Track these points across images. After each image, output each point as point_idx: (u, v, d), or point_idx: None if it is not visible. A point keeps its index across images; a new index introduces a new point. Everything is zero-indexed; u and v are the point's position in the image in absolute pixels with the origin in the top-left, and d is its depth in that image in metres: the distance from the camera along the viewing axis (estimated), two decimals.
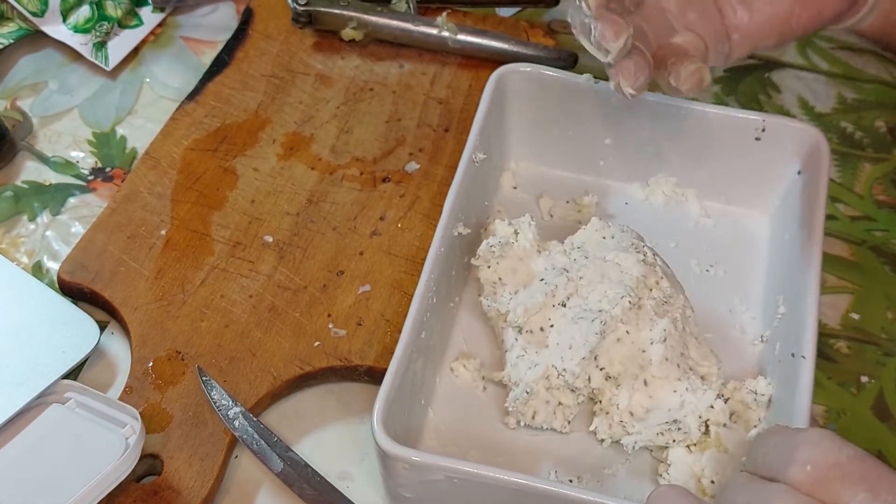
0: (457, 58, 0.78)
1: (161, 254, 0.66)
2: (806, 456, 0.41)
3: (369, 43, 0.79)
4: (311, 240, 0.67)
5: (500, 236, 0.61)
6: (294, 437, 0.60)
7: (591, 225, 0.62)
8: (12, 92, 0.78)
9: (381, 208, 0.69)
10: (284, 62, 0.78)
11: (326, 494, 0.55)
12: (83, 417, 0.57)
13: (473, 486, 0.51)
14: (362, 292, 0.64)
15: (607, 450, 0.58)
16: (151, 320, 0.63)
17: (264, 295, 0.64)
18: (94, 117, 0.76)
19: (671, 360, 0.56)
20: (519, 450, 0.58)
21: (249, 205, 0.69)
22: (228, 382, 0.60)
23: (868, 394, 0.63)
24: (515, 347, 0.58)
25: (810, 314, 0.57)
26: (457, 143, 0.72)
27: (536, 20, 0.83)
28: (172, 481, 0.56)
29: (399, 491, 0.54)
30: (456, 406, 0.59)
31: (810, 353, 0.55)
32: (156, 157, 0.71)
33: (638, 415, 0.56)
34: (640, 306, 0.57)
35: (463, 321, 0.63)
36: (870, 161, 0.74)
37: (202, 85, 0.76)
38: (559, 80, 0.67)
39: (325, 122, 0.74)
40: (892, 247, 0.70)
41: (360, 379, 0.62)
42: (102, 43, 0.79)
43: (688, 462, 0.56)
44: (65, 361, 0.60)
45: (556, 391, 0.57)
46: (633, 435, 0.56)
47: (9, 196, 0.71)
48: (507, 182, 0.70)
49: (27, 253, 0.68)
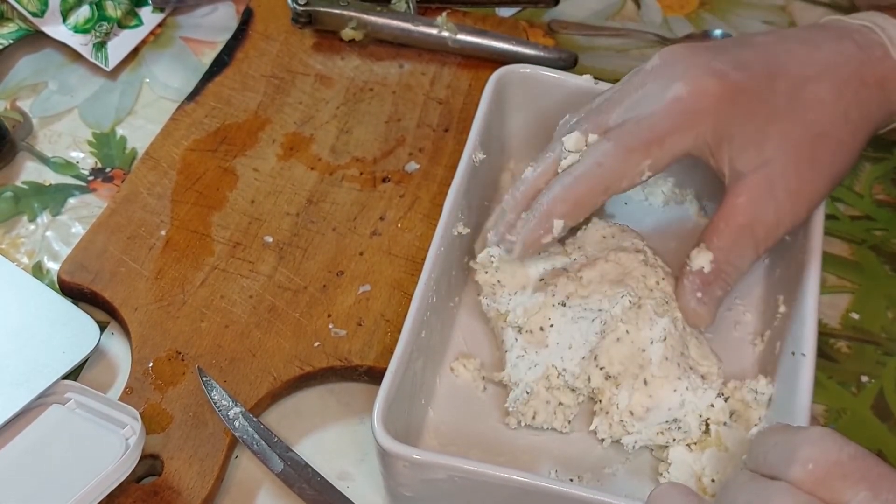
0: (457, 58, 0.78)
1: (161, 254, 0.66)
2: (807, 454, 0.41)
3: (369, 43, 0.79)
4: (311, 240, 0.67)
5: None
6: (294, 437, 0.60)
7: (592, 225, 0.62)
8: (12, 92, 0.78)
9: (380, 208, 0.69)
10: (284, 62, 0.78)
11: (327, 495, 0.55)
12: (83, 418, 0.57)
13: (474, 485, 0.51)
14: (362, 292, 0.64)
15: (607, 449, 0.58)
16: (151, 321, 0.62)
17: (264, 295, 0.64)
18: (94, 118, 0.76)
19: (671, 359, 0.56)
20: (519, 449, 0.58)
21: (249, 205, 0.69)
22: (228, 383, 0.60)
23: (868, 393, 0.63)
24: (515, 347, 0.58)
25: (810, 313, 0.57)
26: (457, 143, 0.72)
27: (536, 20, 0.83)
28: (173, 482, 0.56)
29: (399, 490, 0.54)
30: (456, 406, 0.59)
31: (810, 351, 0.55)
32: (156, 158, 0.71)
33: (638, 414, 0.56)
34: (640, 306, 0.57)
35: (463, 321, 0.63)
36: (870, 160, 0.74)
37: (202, 85, 0.76)
38: (559, 80, 0.67)
39: (325, 122, 0.74)
40: (892, 246, 0.70)
41: (360, 379, 0.62)
42: (102, 43, 0.79)
43: (688, 461, 0.56)
44: (65, 362, 0.60)
45: (557, 391, 0.57)
46: (633, 434, 0.56)
47: (9, 196, 0.71)
48: (507, 182, 0.70)
49: (27, 253, 0.68)
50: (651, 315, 0.57)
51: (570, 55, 0.77)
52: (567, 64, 0.76)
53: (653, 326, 0.56)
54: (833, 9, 0.84)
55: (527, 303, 0.58)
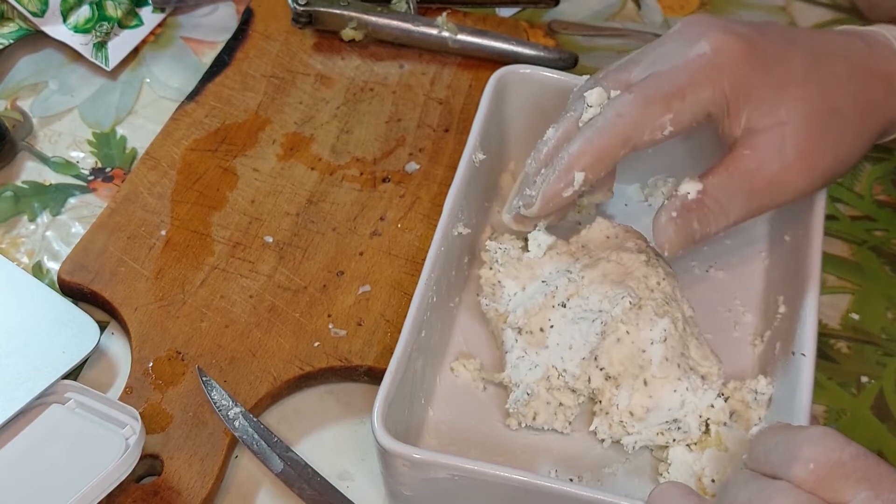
0: (457, 58, 0.78)
1: (161, 254, 0.66)
2: (808, 454, 0.41)
3: (369, 43, 0.79)
4: (311, 240, 0.67)
5: (509, 245, 0.61)
6: (294, 437, 0.60)
7: (596, 224, 0.62)
8: (12, 92, 0.78)
9: (381, 208, 0.69)
10: (284, 62, 0.78)
11: (327, 495, 0.55)
12: (83, 418, 0.57)
13: (474, 484, 0.51)
14: (362, 292, 0.64)
15: (607, 449, 0.58)
16: (151, 320, 0.62)
17: (264, 295, 0.64)
18: (94, 117, 0.76)
19: (671, 360, 0.56)
20: (519, 449, 0.58)
21: (249, 205, 0.69)
22: (228, 383, 0.60)
23: (868, 394, 0.63)
24: (515, 348, 0.58)
25: (810, 314, 0.57)
26: (457, 143, 0.72)
27: (536, 20, 0.83)
28: (172, 481, 0.56)
29: (399, 490, 0.54)
30: (456, 406, 0.59)
31: (810, 351, 0.55)
32: (156, 158, 0.71)
33: (638, 415, 0.56)
34: (640, 306, 0.57)
35: (463, 321, 0.63)
36: (870, 161, 0.74)
37: (202, 85, 0.76)
38: (559, 80, 0.67)
39: (325, 122, 0.74)
40: (893, 247, 0.70)
41: (360, 379, 0.62)
42: (102, 43, 0.79)
43: (688, 461, 0.56)
44: (65, 361, 0.60)
45: (557, 392, 0.57)
46: (633, 435, 0.56)
47: (9, 196, 0.71)
48: (507, 182, 0.70)
49: (27, 253, 0.68)
50: (651, 316, 0.57)
51: (571, 55, 0.77)
52: (567, 64, 0.76)
53: (653, 327, 0.56)
54: (833, 9, 0.84)
55: (527, 303, 0.58)
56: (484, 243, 0.62)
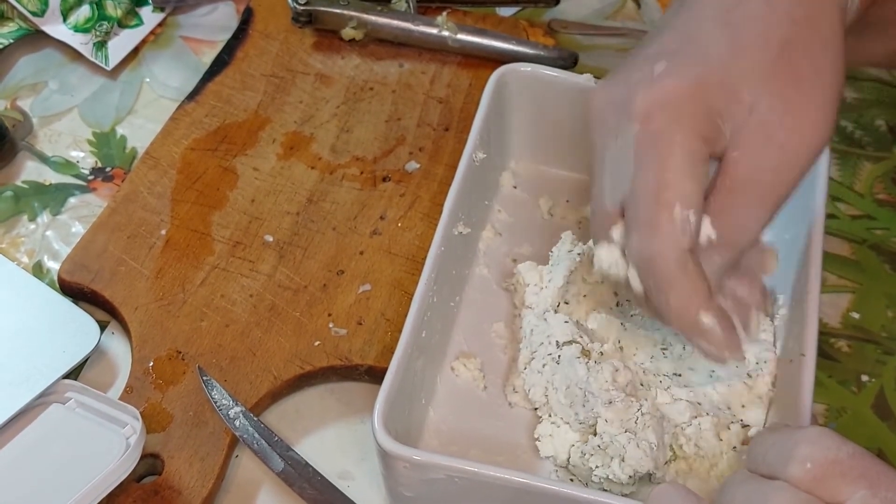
0: (457, 57, 0.78)
1: (161, 253, 0.66)
2: (806, 453, 0.41)
3: (369, 42, 0.79)
4: (312, 239, 0.67)
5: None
6: (294, 436, 0.60)
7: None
8: (12, 92, 0.78)
9: (381, 208, 0.69)
10: (284, 62, 0.78)
11: (327, 494, 0.55)
12: (84, 417, 0.57)
13: (474, 486, 0.51)
14: (362, 292, 0.64)
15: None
16: (152, 320, 0.63)
17: (264, 294, 0.64)
18: (94, 117, 0.76)
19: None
20: (519, 449, 0.58)
21: (249, 204, 0.69)
22: (229, 382, 0.60)
23: (868, 392, 0.63)
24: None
25: (811, 313, 0.56)
26: (457, 142, 0.72)
27: (536, 19, 0.83)
28: (173, 481, 0.56)
29: (400, 490, 0.54)
30: (456, 405, 0.59)
31: (811, 351, 0.55)
32: (156, 157, 0.71)
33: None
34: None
35: (463, 320, 0.63)
36: (870, 160, 0.74)
37: (202, 85, 0.76)
38: (559, 80, 0.67)
39: (325, 121, 0.74)
40: (893, 245, 0.70)
41: (360, 378, 0.62)
42: (102, 43, 0.79)
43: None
44: (65, 361, 0.60)
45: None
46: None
47: (9, 196, 0.71)
48: (507, 182, 0.70)
49: (27, 253, 0.68)
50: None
51: (571, 54, 0.77)
52: (567, 63, 0.76)
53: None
54: None
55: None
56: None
